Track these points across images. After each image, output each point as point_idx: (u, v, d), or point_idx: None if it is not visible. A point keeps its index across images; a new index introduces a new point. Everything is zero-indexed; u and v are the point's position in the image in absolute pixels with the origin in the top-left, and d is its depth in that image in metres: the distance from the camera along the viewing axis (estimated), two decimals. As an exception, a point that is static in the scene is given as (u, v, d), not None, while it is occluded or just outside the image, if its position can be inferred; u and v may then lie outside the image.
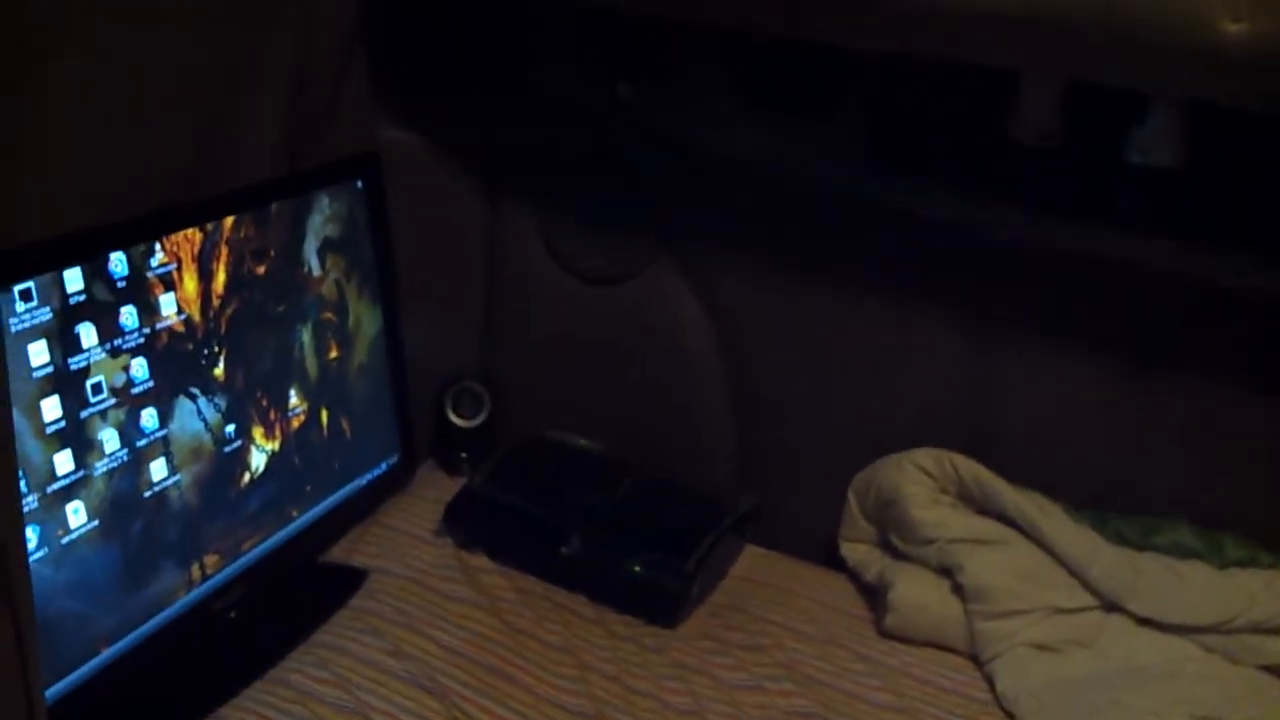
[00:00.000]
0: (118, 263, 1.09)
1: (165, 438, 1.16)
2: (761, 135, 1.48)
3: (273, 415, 1.32)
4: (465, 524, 1.49)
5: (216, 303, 1.21)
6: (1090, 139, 1.32)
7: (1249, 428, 1.37)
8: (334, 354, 1.40)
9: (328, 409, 1.41)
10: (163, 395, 1.15)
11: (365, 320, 1.45)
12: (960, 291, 1.45)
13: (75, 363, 1.05)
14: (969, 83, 1.32)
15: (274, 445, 1.33)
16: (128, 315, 1.10)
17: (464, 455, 1.67)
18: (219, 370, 1.23)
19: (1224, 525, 1.39)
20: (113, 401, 1.10)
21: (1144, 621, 1.37)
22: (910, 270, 1.47)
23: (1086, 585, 1.37)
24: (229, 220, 1.21)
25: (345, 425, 1.44)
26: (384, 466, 1.53)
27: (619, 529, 1.45)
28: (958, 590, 1.39)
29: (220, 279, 1.21)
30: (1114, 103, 1.26)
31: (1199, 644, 1.36)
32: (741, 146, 1.49)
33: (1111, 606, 1.38)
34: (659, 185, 1.57)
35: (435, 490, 1.59)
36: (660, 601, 1.40)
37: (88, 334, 1.06)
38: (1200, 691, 1.30)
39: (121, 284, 1.09)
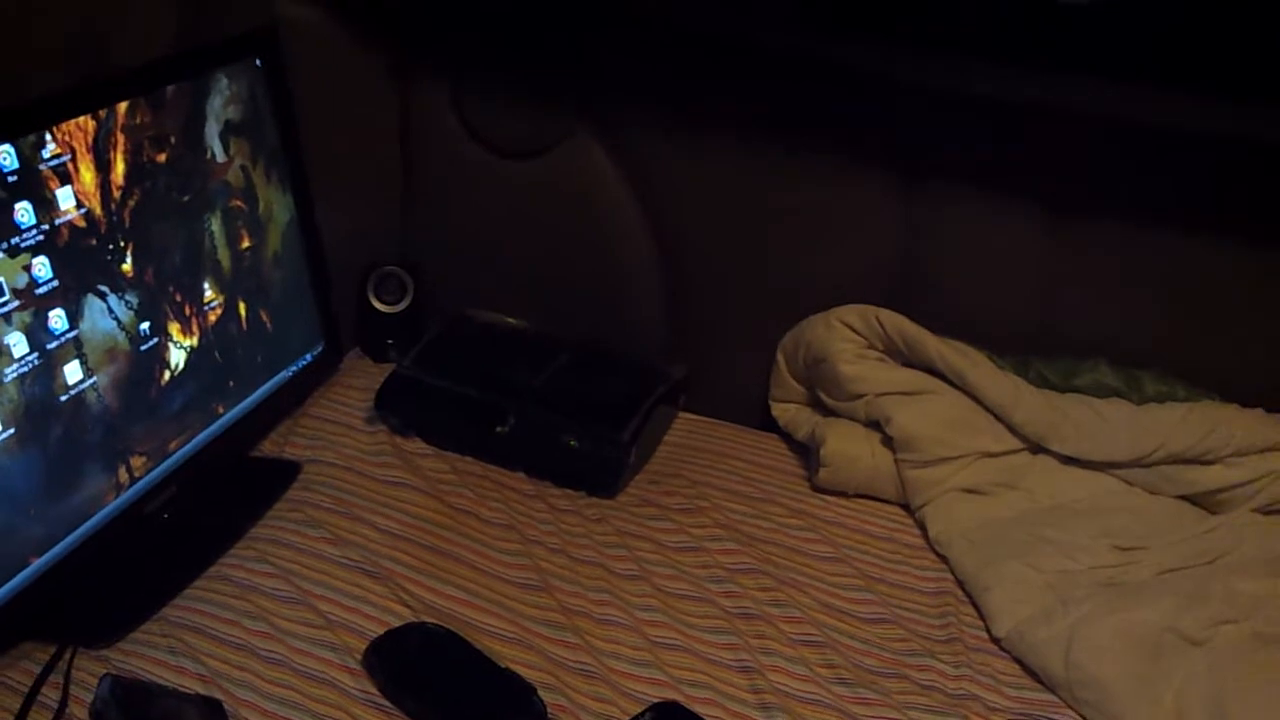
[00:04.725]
0: (6, 155, 1.02)
1: (77, 339, 1.12)
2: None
3: (188, 310, 1.28)
4: (397, 409, 1.47)
5: (117, 194, 1.15)
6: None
7: (1166, 268, 1.40)
8: (246, 243, 1.36)
9: (245, 301, 1.37)
10: (70, 294, 1.10)
11: (276, 207, 1.40)
12: (883, 146, 1.44)
13: (-29, 265, 1.00)
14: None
15: (192, 341, 1.29)
16: (23, 212, 1.04)
17: (390, 342, 1.64)
18: (126, 265, 1.18)
19: (1142, 364, 1.43)
20: (16, 304, 1.04)
21: (1068, 460, 1.41)
22: (833, 128, 1.45)
23: (1012, 429, 1.41)
24: (123, 106, 1.14)
25: (265, 317, 1.40)
26: (309, 357, 1.50)
27: (553, 404, 1.44)
28: (887, 442, 1.42)
29: (119, 169, 1.15)
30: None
31: (1120, 478, 1.41)
32: (660, 6, 1.44)
33: (1037, 448, 1.42)
34: (576, 53, 1.52)
35: (363, 378, 1.56)
36: (599, 472, 1.40)
37: (-19, 233, 1.01)
38: (1124, 523, 1.35)
39: (13, 178, 1.03)
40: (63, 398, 1.11)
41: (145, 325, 1.21)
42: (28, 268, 1.06)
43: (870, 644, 1.20)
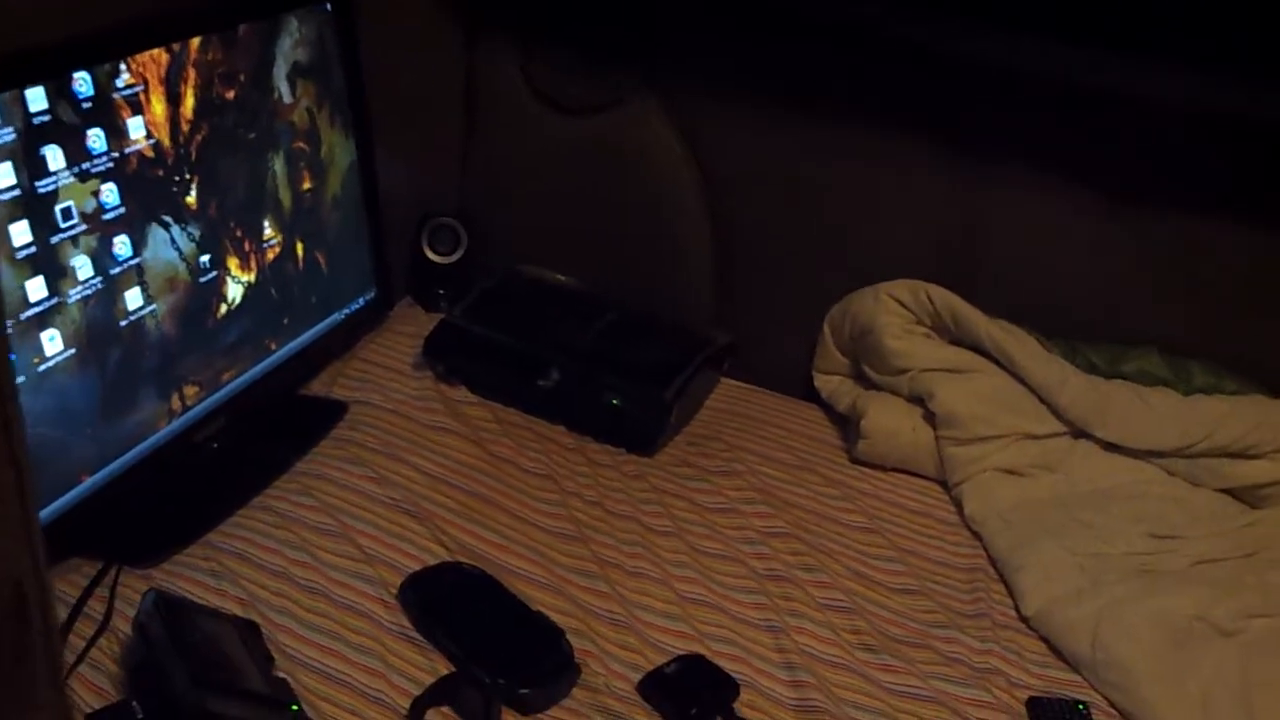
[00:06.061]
0: (82, 82, 1.05)
1: (139, 266, 1.15)
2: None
3: (247, 246, 1.31)
4: (445, 356, 1.49)
5: (186, 128, 1.18)
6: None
7: (1221, 258, 1.39)
8: (307, 185, 1.38)
9: (303, 241, 1.39)
10: (135, 222, 1.14)
11: (338, 151, 1.42)
12: (940, 125, 1.44)
13: (43, 186, 1.03)
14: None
15: (250, 277, 1.32)
16: (95, 138, 1.07)
17: (441, 291, 1.66)
18: (191, 198, 1.20)
19: (1192, 353, 1.42)
20: (84, 228, 1.08)
21: (1110, 446, 1.41)
22: (888, 105, 1.45)
23: (1055, 412, 1.41)
24: (195, 41, 1.17)
25: (321, 259, 1.43)
26: (361, 301, 1.52)
27: (597, 362, 1.46)
28: (929, 418, 1.42)
29: (189, 103, 1.17)
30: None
31: (1162, 468, 1.40)
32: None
33: (1079, 433, 1.41)
34: (642, 13, 1.52)
35: (413, 326, 1.59)
36: (638, 430, 1.42)
37: (54, 156, 1.04)
38: (1162, 511, 1.34)
39: (87, 105, 1.06)
40: (123, 323, 1.14)
41: (205, 258, 1.24)
42: (96, 193, 1.09)
43: (898, 613, 1.21)
